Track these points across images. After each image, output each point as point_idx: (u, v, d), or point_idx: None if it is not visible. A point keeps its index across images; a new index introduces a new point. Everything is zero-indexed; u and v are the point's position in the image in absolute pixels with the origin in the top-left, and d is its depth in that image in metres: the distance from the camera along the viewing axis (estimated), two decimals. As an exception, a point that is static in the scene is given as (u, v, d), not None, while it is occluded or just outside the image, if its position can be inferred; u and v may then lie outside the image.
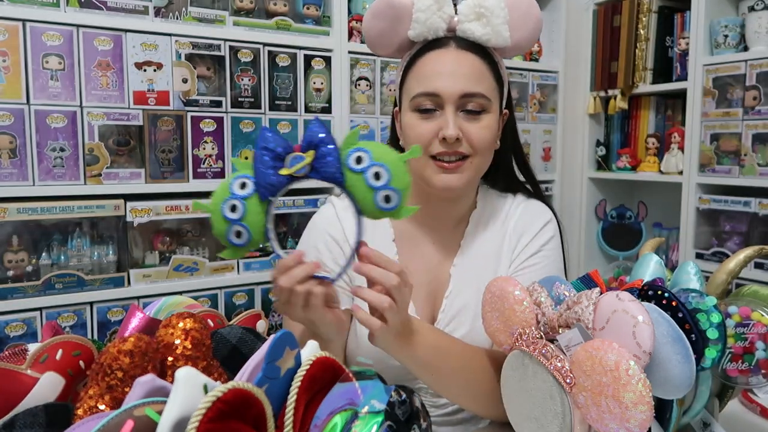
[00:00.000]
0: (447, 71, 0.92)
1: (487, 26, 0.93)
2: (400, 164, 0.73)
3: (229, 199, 0.74)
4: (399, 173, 0.73)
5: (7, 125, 1.39)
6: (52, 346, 0.52)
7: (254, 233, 0.75)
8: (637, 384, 0.57)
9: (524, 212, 1.05)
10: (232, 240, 0.75)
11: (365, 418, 0.40)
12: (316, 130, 0.73)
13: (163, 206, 1.58)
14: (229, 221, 0.74)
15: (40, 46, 1.42)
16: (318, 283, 0.75)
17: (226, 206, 0.74)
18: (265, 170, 0.73)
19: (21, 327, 1.43)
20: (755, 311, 0.73)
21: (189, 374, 0.37)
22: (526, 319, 0.73)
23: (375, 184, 0.72)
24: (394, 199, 0.73)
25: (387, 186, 0.72)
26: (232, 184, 0.74)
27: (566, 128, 2.40)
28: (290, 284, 0.74)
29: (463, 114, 0.93)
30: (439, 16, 0.93)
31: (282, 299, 0.76)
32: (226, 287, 1.69)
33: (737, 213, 1.94)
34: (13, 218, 1.40)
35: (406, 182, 0.73)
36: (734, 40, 1.94)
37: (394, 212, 0.74)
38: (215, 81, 1.66)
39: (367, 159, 0.72)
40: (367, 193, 0.73)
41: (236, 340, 0.58)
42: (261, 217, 0.74)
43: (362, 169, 0.72)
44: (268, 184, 0.73)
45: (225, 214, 0.74)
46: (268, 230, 0.75)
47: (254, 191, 0.74)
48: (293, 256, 0.76)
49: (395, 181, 0.72)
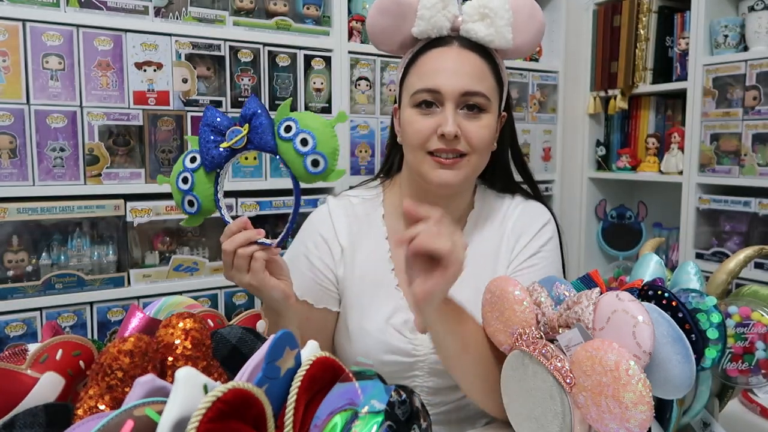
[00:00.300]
0: (449, 69, 0.93)
1: (490, 27, 0.93)
2: (327, 129, 0.79)
3: (182, 172, 0.83)
4: (325, 138, 0.79)
5: (7, 125, 1.39)
6: (52, 346, 0.52)
7: (204, 202, 0.83)
8: (637, 384, 0.57)
9: (523, 213, 1.05)
10: (186, 208, 0.85)
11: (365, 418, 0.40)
12: (251, 106, 0.81)
13: (163, 206, 1.58)
14: (182, 191, 0.84)
15: (40, 46, 1.42)
16: (260, 248, 0.82)
17: (180, 178, 0.83)
18: (207, 144, 0.81)
19: (21, 327, 1.43)
20: (755, 311, 0.73)
21: (189, 374, 0.37)
22: (526, 319, 0.73)
23: (302, 149, 0.79)
24: (321, 162, 0.79)
25: (314, 150, 0.78)
26: (184, 158, 0.84)
27: (566, 128, 2.40)
28: (232, 247, 0.81)
29: (462, 112, 0.93)
30: (443, 14, 0.94)
31: (227, 263, 0.83)
32: (226, 287, 1.69)
33: (737, 213, 1.94)
34: (13, 218, 1.40)
35: (333, 146, 0.79)
36: (734, 40, 1.94)
37: (323, 175, 0.80)
38: (215, 81, 1.66)
39: (295, 127, 0.79)
40: (297, 158, 0.79)
41: (236, 340, 0.58)
42: (209, 187, 0.83)
43: (290, 137, 0.79)
44: (211, 156, 0.81)
45: (178, 185, 0.84)
46: (217, 199, 0.83)
47: (201, 164, 0.82)
48: (237, 222, 0.83)
49: (321, 145, 0.78)
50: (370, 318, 0.98)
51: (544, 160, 2.35)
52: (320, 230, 1.04)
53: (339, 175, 0.80)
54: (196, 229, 1.68)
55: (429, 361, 0.97)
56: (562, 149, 2.40)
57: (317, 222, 1.05)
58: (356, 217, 1.05)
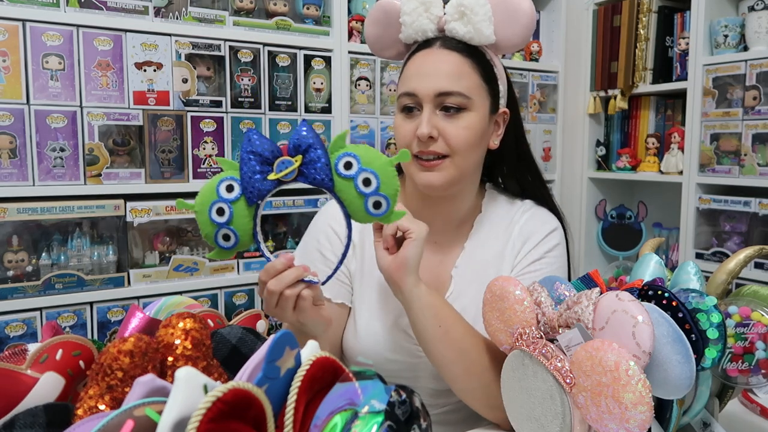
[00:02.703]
0: (426, 71, 0.94)
1: (468, 24, 0.93)
2: (389, 169, 0.73)
3: (216, 202, 0.73)
4: (388, 179, 0.73)
5: (7, 125, 1.39)
6: (52, 346, 0.52)
7: (242, 236, 0.75)
8: (637, 384, 0.57)
9: (530, 218, 1.04)
10: (220, 243, 0.75)
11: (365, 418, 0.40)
12: (304, 134, 0.72)
13: (163, 206, 1.58)
14: (216, 224, 0.74)
15: (40, 46, 1.42)
16: (306, 286, 0.76)
17: (213, 209, 0.73)
18: (253, 175, 0.72)
19: (21, 327, 1.43)
20: (755, 311, 0.73)
21: (189, 374, 0.37)
22: (526, 318, 0.73)
23: (365, 190, 0.72)
24: (383, 205, 0.73)
25: (376, 192, 0.72)
26: (218, 187, 0.73)
27: (566, 128, 2.40)
28: (280, 288, 0.75)
29: (441, 113, 0.93)
30: (426, 17, 0.94)
31: (271, 303, 0.77)
32: (226, 287, 1.69)
33: (737, 213, 1.94)
34: (13, 218, 1.40)
35: (395, 188, 0.73)
36: (734, 40, 1.94)
37: (384, 218, 0.74)
38: (215, 81, 1.66)
39: (356, 165, 0.72)
40: (357, 199, 0.73)
41: (236, 340, 0.58)
42: (248, 221, 0.74)
43: (352, 175, 0.72)
44: (256, 189, 0.72)
45: (212, 217, 0.73)
46: (256, 233, 0.75)
47: (241, 194, 0.73)
48: (283, 260, 0.76)
49: (384, 187, 0.72)
50: (379, 316, 0.98)
51: (544, 160, 2.35)
52: (332, 225, 1.02)
53: (398, 217, 0.75)
54: (197, 229, 1.67)
55: None
56: (562, 149, 2.40)
57: (328, 217, 1.04)
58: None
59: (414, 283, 0.86)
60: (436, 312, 0.86)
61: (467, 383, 0.88)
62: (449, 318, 0.87)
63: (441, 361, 0.88)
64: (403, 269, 0.85)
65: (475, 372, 0.87)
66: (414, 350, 0.97)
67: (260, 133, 0.74)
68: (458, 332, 0.86)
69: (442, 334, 0.86)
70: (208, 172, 1.65)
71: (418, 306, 0.86)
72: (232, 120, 1.67)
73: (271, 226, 1.80)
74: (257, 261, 1.74)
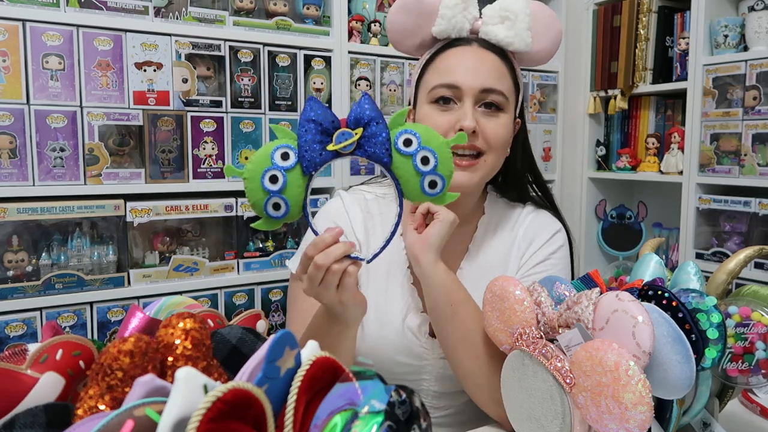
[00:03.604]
0: (469, 65, 0.94)
1: (511, 29, 0.94)
2: (446, 150, 0.73)
3: (270, 169, 0.70)
4: (445, 159, 0.73)
5: (7, 125, 1.39)
6: (52, 346, 0.52)
7: (293, 207, 0.73)
8: (637, 384, 0.57)
9: (534, 220, 1.05)
10: (269, 212, 0.72)
11: (365, 418, 0.40)
12: (368, 108, 0.71)
13: (163, 206, 1.58)
14: (268, 192, 0.71)
15: (40, 46, 1.42)
16: (352, 262, 0.74)
17: (267, 176, 0.70)
18: (312, 144, 0.70)
19: (21, 327, 1.43)
20: (755, 311, 0.73)
21: (189, 374, 0.37)
22: (526, 318, 0.73)
23: (423, 168, 0.72)
24: (439, 184, 0.73)
25: (434, 171, 0.72)
26: (273, 153, 0.71)
27: (566, 128, 2.40)
28: (328, 262, 0.73)
29: (480, 109, 0.93)
30: (463, 15, 0.95)
31: (315, 279, 0.74)
32: (226, 287, 1.69)
33: (737, 213, 1.94)
34: (13, 218, 1.40)
35: (451, 168, 0.73)
36: (734, 40, 1.94)
37: (438, 198, 0.73)
38: (215, 81, 1.66)
39: (416, 142, 0.72)
40: (414, 177, 0.72)
41: (236, 340, 0.58)
42: (301, 191, 0.72)
43: (411, 152, 0.71)
44: (313, 158, 0.70)
45: (264, 184, 0.71)
46: (305, 205, 0.73)
47: (296, 163, 0.71)
48: (331, 234, 0.74)
49: (442, 167, 0.72)
50: (386, 317, 0.98)
51: (544, 160, 2.35)
52: (337, 222, 1.01)
53: (451, 199, 0.74)
54: (197, 229, 1.68)
55: (437, 365, 0.97)
56: (562, 149, 2.40)
57: (333, 214, 1.03)
58: (369, 213, 1.04)
59: (433, 260, 0.87)
60: (448, 291, 0.87)
61: (471, 367, 0.87)
62: (460, 300, 0.87)
63: (448, 343, 0.89)
64: (425, 245, 0.87)
65: (479, 356, 0.86)
66: (421, 352, 0.97)
67: (320, 101, 0.72)
68: (467, 315, 0.87)
69: (451, 314, 0.87)
70: (208, 172, 1.65)
71: (432, 283, 0.87)
72: (232, 120, 1.67)
73: (271, 226, 1.80)
74: (257, 261, 1.74)
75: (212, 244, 1.69)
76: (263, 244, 1.76)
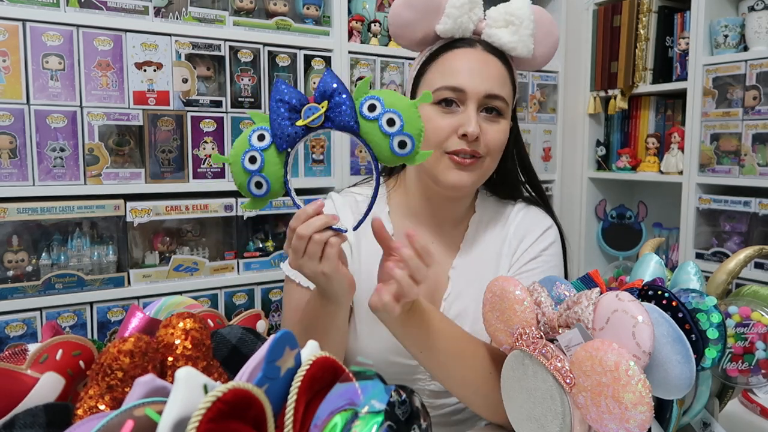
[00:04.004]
0: (474, 69, 0.93)
1: (515, 34, 0.94)
2: (413, 110, 0.75)
3: (248, 151, 0.76)
4: (412, 119, 0.75)
5: (7, 125, 1.39)
6: (52, 346, 0.52)
7: (273, 183, 0.77)
8: (637, 384, 0.57)
9: (525, 217, 1.05)
10: (253, 191, 0.77)
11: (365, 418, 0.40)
12: (329, 81, 0.74)
13: (163, 206, 1.58)
14: (248, 172, 0.76)
15: (40, 46, 1.42)
16: (334, 234, 0.77)
17: (246, 157, 0.75)
18: (282, 122, 0.74)
19: (21, 327, 1.43)
20: (755, 311, 0.73)
21: (189, 374, 0.37)
22: (526, 318, 0.73)
23: (389, 130, 0.74)
24: (408, 144, 0.75)
25: (401, 131, 0.74)
26: (250, 136, 0.76)
27: (566, 128, 2.40)
28: (309, 232, 0.75)
29: (483, 114, 0.94)
30: (469, 16, 0.95)
31: (299, 249, 0.76)
32: (226, 287, 1.69)
33: (737, 213, 1.94)
34: (13, 218, 1.40)
35: (420, 127, 0.75)
36: (734, 40, 1.94)
37: (409, 157, 0.76)
38: (215, 81, 1.66)
39: (380, 106, 0.74)
40: (382, 139, 0.75)
41: (236, 340, 0.58)
42: (279, 168, 0.76)
43: (376, 116, 0.74)
44: (285, 135, 0.74)
45: (245, 165, 0.76)
46: (286, 181, 0.77)
47: (272, 142, 0.75)
48: (313, 205, 0.77)
49: (408, 126, 0.74)
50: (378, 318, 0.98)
51: (544, 160, 2.35)
52: None
53: (424, 157, 0.76)
54: (197, 229, 1.68)
55: None
56: (562, 149, 2.40)
57: None
58: (360, 214, 1.04)
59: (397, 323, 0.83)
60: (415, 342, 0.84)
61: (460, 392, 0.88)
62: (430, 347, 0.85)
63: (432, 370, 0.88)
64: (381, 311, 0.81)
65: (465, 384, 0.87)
66: None
67: (287, 83, 0.76)
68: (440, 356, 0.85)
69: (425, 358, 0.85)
70: (208, 172, 1.65)
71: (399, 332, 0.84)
72: (232, 120, 1.67)
73: (271, 226, 1.80)
74: (257, 261, 1.74)
75: (212, 244, 1.69)
76: (263, 244, 1.76)
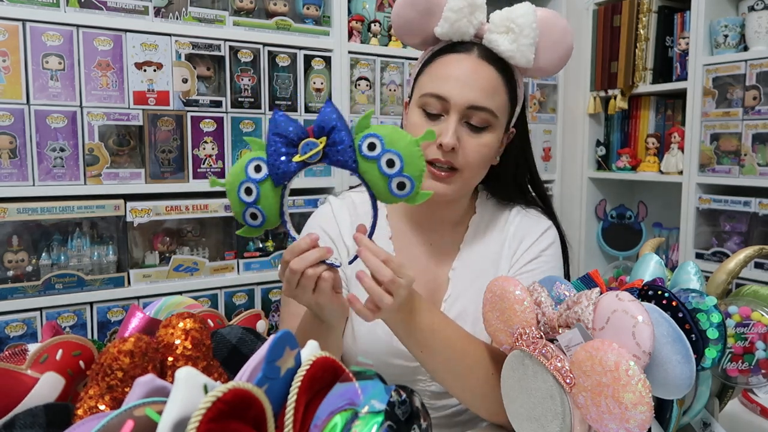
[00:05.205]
0: (461, 78, 0.91)
1: (513, 43, 0.91)
2: (414, 149, 0.73)
3: (244, 182, 0.75)
4: (412, 160, 0.73)
5: (7, 125, 1.39)
6: (52, 346, 0.52)
7: (269, 216, 0.76)
8: (637, 384, 0.57)
9: (524, 218, 1.05)
10: (248, 221, 0.77)
11: (365, 418, 0.40)
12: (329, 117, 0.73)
13: (163, 206, 1.58)
14: (244, 203, 0.75)
15: (40, 46, 1.42)
16: (327, 268, 0.76)
17: (242, 189, 0.75)
18: (278, 157, 0.73)
19: (21, 327, 1.43)
20: (755, 311, 0.73)
21: (189, 374, 0.37)
22: (526, 318, 0.73)
23: (388, 171, 0.73)
24: (407, 185, 0.73)
25: (400, 173, 0.72)
26: (247, 166, 0.75)
27: (566, 128, 2.40)
28: (302, 267, 0.74)
29: (466, 126, 0.92)
30: (469, 20, 0.91)
31: (292, 282, 0.76)
32: (226, 287, 1.69)
33: (737, 213, 1.94)
34: (13, 218, 1.40)
35: (420, 168, 0.73)
36: (734, 40, 1.94)
37: (409, 198, 0.74)
38: (215, 81, 1.66)
39: (380, 146, 0.73)
40: (381, 180, 0.73)
41: (236, 340, 0.58)
42: (275, 201, 0.75)
43: (375, 156, 0.73)
44: (282, 171, 0.73)
45: (240, 196, 0.75)
46: (282, 213, 0.76)
47: (268, 175, 0.74)
48: (307, 240, 0.76)
49: (408, 168, 0.73)
50: (378, 322, 0.98)
51: (544, 160, 2.35)
52: (325, 228, 1.02)
53: (424, 198, 0.75)
54: (197, 229, 1.68)
55: None
56: (562, 149, 2.40)
57: (322, 221, 1.04)
58: (359, 217, 1.04)
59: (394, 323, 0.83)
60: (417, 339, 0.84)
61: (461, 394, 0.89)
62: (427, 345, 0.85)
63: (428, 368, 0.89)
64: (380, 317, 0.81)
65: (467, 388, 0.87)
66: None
67: (285, 114, 0.74)
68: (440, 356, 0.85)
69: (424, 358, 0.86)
70: (208, 172, 1.65)
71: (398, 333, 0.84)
72: (232, 120, 1.67)
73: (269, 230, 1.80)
74: (257, 261, 1.74)
75: (212, 244, 1.69)
76: (263, 244, 1.76)
